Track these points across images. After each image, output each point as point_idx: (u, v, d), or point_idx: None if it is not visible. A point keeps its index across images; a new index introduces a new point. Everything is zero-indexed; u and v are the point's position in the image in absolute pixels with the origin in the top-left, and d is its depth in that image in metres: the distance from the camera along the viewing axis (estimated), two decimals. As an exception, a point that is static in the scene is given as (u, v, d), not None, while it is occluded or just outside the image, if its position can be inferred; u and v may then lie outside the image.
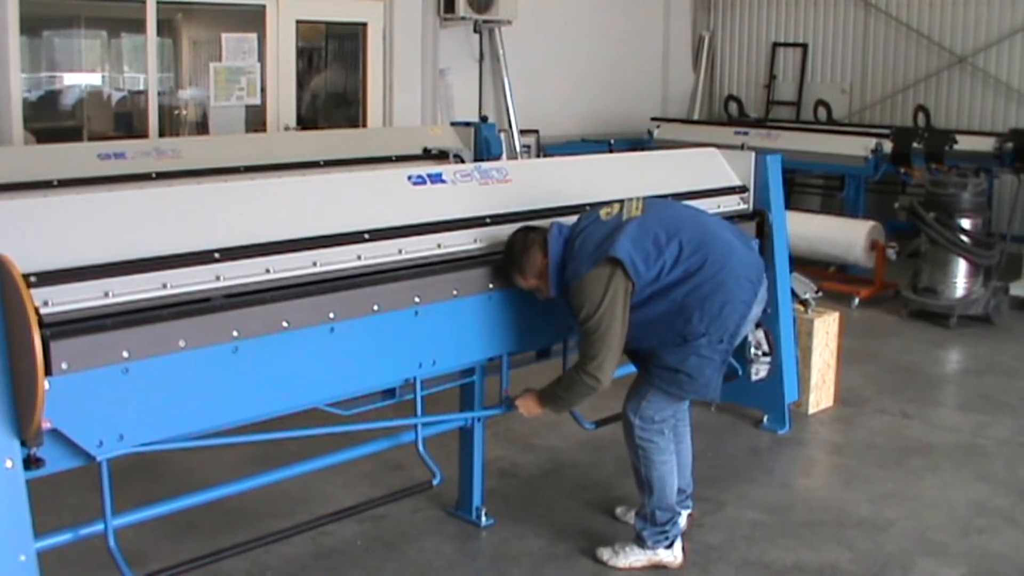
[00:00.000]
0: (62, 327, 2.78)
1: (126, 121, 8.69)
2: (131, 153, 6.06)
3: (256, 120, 8.71)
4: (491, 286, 3.84)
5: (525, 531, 4.26)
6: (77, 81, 8.95)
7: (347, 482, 4.62)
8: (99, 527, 3.15)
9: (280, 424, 3.58)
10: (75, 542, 3.18)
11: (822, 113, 11.09)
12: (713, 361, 3.74)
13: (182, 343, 2.98)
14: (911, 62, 11.01)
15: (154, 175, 5.91)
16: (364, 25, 9.22)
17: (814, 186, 11.15)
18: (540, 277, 3.80)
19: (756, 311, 3.86)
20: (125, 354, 2.87)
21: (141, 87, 8.39)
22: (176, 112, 8.87)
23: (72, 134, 8.62)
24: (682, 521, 4.08)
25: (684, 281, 3.67)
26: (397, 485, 4.40)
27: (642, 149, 9.72)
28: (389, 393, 3.84)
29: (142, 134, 8.10)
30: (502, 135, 8.07)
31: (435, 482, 3.93)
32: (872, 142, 9.20)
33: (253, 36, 8.56)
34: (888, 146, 9.08)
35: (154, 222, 3.17)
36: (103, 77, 8.96)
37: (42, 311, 2.76)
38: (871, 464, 5.02)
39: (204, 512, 3.83)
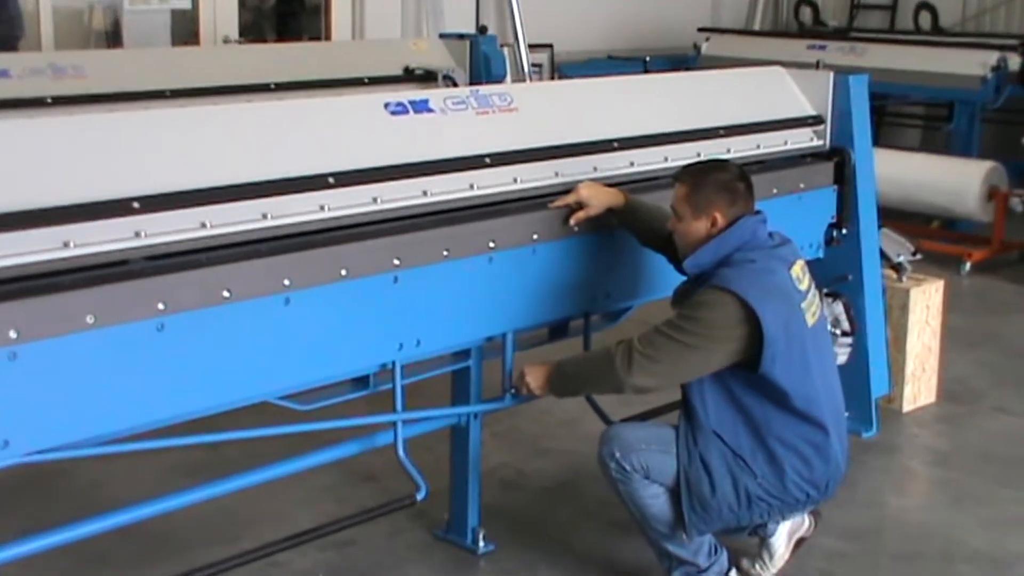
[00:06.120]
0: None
1: (9, 29, 8.63)
2: (17, 71, 6.01)
3: (185, 30, 8.69)
4: (492, 245, 3.85)
5: (534, 560, 4.30)
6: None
7: (305, 498, 4.65)
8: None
9: (218, 424, 3.59)
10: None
11: (925, 19, 11.05)
12: (740, 505, 3.80)
13: (90, 319, 2.98)
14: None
15: (49, 100, 5.87)
16: (327, -94, 9.19)
17: (912, 116, 11.14)
18: (694, 228, 3.82)
19: (796, 513, 4.03)
20: (12, 334, 2.85)
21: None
22: (78, 17, 8.82)
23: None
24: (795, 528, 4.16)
25: (793, 421, 3.79)
26: (370, 501, 4.42)
27: (686, 69, 9.69)
28: (361, 382, 3.86)
29: (32, 46, 8.05)
30: (505, 51, 8.05)
31: (419, 497, 3.95)
32: (992, 57, 9.17)
33: (180, -83, 8.54)
34: (1014, 62, 9.03)
35: (50, 162, 3.15)
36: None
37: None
38: (987, 479, 5.05)
39: (118, 539, 3.84)
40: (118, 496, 4.39)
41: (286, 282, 3.34)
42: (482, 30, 9.17)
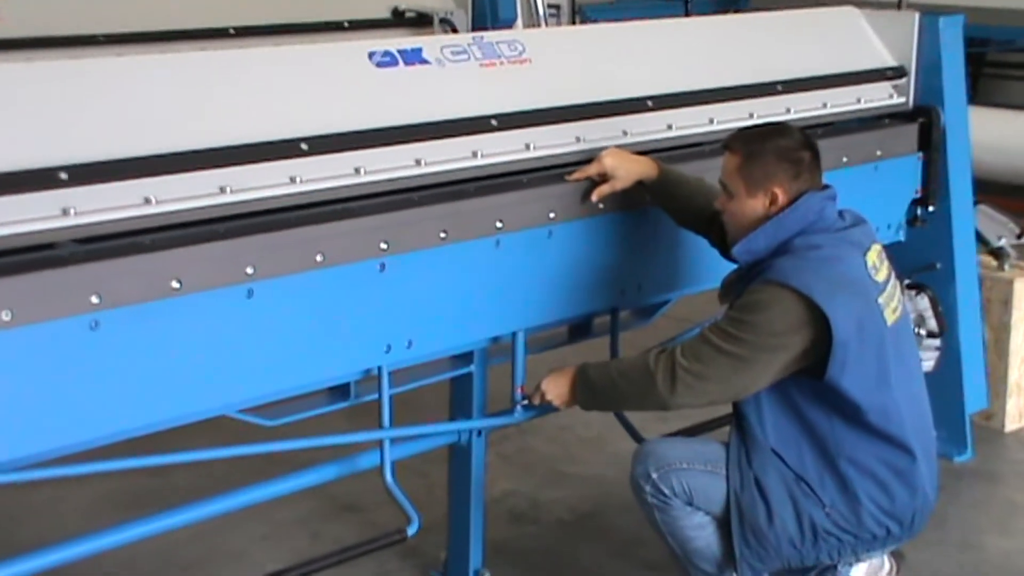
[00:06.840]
0: None
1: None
2: (-95, 16, 6.04)
3: (124, -38, 8.68)
4: (500, 225, 3.87)
5: (552, 612, 4.32)
6: None
7: (270, 533, 4.66)
8: None
9: (165, 443, 3.60)
10: None
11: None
12: (804, 540, 3.81)
13: (6, 316, 2.98)
14: None
15: (-50, 49, 5.91)
16: None
17: (1018, 66, 11.09)
18: (749, 207, 3.81)
19: (874, 553, 4.00)
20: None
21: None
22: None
23: None
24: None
25: (869, 440, 3.78)
26: (352, 537, 4.44)
27: (736, 10, 9.69)
28: (340, 392, 3.87)
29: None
30: (516, -12, 8.06)
31: (410, 531, 3.96)
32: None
33: None
34: None
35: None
36: None
37: None
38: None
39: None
40: (38, 533, 4.42)
41: (249, 270, 3.35)
42: (487, -37, 9.17)
